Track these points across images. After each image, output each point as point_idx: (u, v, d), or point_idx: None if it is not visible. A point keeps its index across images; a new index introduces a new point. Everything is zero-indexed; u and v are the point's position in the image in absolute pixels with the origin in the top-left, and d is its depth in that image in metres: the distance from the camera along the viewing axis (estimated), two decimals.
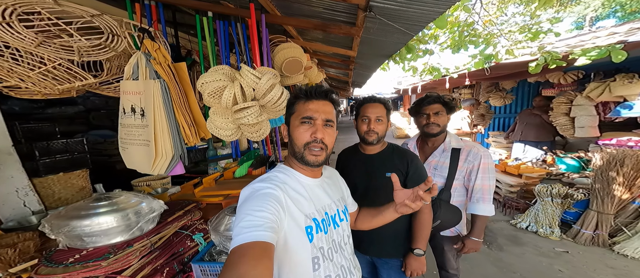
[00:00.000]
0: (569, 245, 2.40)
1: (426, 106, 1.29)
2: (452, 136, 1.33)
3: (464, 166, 1.26)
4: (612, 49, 2.39)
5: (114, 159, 2.55)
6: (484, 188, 1.23)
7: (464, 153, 1.26)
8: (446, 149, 1.30)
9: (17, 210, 1.17)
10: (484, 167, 1.22)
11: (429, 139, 1.34)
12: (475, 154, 1.24)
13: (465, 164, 1.25)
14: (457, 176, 1.26)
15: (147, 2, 1.18)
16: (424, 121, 1.30)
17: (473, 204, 1.26)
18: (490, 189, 1.24)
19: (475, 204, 1.24)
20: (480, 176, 1.22)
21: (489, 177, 1.23)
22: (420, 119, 1.33)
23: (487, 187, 1.23)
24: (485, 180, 1.23)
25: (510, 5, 4.84)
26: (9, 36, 0.74)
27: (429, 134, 1.30)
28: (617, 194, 2.30)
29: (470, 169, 1.25)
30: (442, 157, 1.30)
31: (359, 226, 0.91)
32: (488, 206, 1.23)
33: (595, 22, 9.36)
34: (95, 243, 0.87)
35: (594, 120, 3.29)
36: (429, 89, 6.19)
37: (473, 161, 1.24)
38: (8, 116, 1.20)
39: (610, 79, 3.10)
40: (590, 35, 3.75)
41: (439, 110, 1.27)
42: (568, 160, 3.28)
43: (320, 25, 1.62)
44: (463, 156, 1.26)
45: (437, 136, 1.30)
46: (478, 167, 1.22)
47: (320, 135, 0.67)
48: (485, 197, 1.23)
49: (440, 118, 1.27)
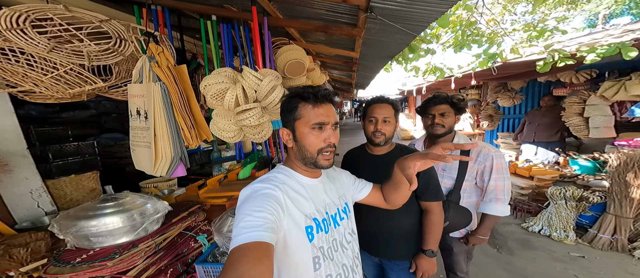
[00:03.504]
0: (585, 249, 2.29)
1: (433, 106, 1.27)
2: (460, 136, 1.30)
3: (474, 167, 1.23)
4: (623, 46, 2.31)
5: (123, 162, 2.62)
6: (498, 188, 1.20)
7: (473, 154, 1.24)
8: (454, 151, 1.27)
9: (31, 211, 1.21)
10: (497, 167, 1.20)
11: (436, 140, 1.32)
12: (486, 155, 1.21)
13: (476, 165, 1.23)
14: (467, 177, 1.23)
15: (153, 7, 1.22)
16: (430, 122, 1.28)
17: (486, 203, 1.23)
18: (505, 189, 1.20)
19: (488, 203, 1.22)
20: (494, 177, 1.20)
21: (503, 177, 1.20)
22: (426, 119, 1.31)
23: (500, 187, 1.20)
24: (500, 180, 1.20)
25: (517, 6, 4.76)
26: (23, 42, 0.78)
27: (434, 135, 1.28)
28: (636, 197, 2.18)
29: (482, 170, 1.22)
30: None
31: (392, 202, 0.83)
32: (501, 207, 1.20)
33: (608, 20, 9.05)
34: (102, 244, 0.89)
35: (609, 120, 3.15)
36: (434, 89, 6.11)
37: (484, 162, 1.21)
38: (24, 120, 1.25)
39: (625, 78, 2.97)
40: (603, 33, 3.62)
41: (446, 111, 1.24)
42: (582, 161, 3.15)
43: (322, 27, 1.64)
44: (472, 157, 1.23)
45: (443, 137, 1.28)
46: (491, 168, 1.20)
47: (334, 140, 0.68)
48: (499, 197, 1.20)
49: (447, 119, 1.25)
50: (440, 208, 1.04)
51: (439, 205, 1.04)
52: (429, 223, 1.03)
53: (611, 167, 2.40)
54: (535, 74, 3.30)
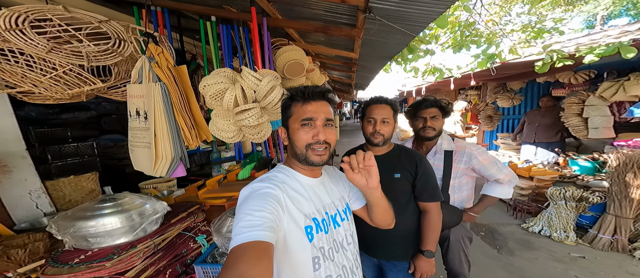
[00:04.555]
0: (586, 250, 2.28)
1: (423, 109, 1.30)
2: (444, 138, 1.34)
3: (459, 166, 1.28)
4: (621, 46, 2.32)
5: (123, 163, 2.61)
6: (498, 175, 1.26)
7: (456, 155, 1.29)
8: (438, 152, 1.31)
9: (29, 212, 1.20)
10: (485, 163, 1.26)
11: (424, 143, 1.36)
12: (469, 155, 1.27)
13: (461, 164, 1.28)
14: (453, 176, 1.28)
15: (153, 8, 1.22)
16: (421, 125, 1.31)
17: (489, 185, 1.32)
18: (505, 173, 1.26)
19: (491, 185, 1.30)
20: (487, 168, 1.26)
21: (498, 168, 1.26)
22: (416, 122, 1.34)
23: (503, 177, 1.26)
24: (499, 173, 1.26)
25: (514, 6, 4.79)
26: (22, 43, 0.78)
27: (425, 138, 1.31)
28: (636, 197, 2.18)
29: (472, 167, 1.28)
30: (435, 159, 1.31)
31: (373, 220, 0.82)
32: (505, 190, 1.27)
33: (607, 21, 9.09)
34: (100, 244, 0.89)
35: (608, 121, 3.16)
36: (433, 90, 6.13)
37: (469, 162, 1.27)
38: (24, 121, 1.25)
39: (624, 78, 2.98)
40: (602, 34, 3.64)
41: (436, 114, 1.28)
42: (581, 162, 3.16)
43: (321, 27, 1.64)
44: (456, 157, 1.28)
45: (432, 140, 1.32)
46: (480, 166, 1.26)
47: (323, 136, 0.67)
48: (501, 179, 1.26)
49: (437, 122, 1.28)
50: (438, 209, 1.04)
51: (437, 206, 1.04)
52: (427, 223, 1.03)
53: (611, 167, 2.40)
54: (534, 75, 3.31)
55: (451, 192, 1.30)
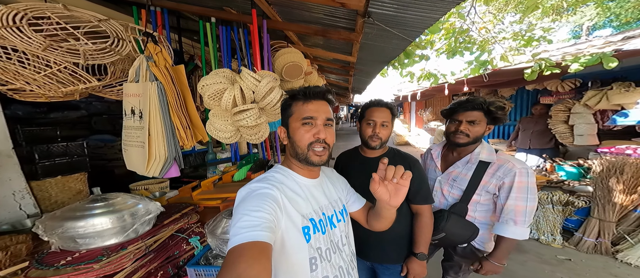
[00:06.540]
0: (571, 252, 2.36)
1: (462, 111, 1.10)
2: (485, 146, 1.13)
3: (490, 182, 1.08)
4: (604, 56, 2.43)
5: (113, 164, 2.55)
6: (517, 209, 1.03)
7: (492, 168, 1.08)
8: (472, 162, 1.12)
9: (12, 213, 1.16)
10: (519, 186, 1.02)
11: (456, 149, 1.18)
12: (508, 171, 1.04)
13: (493, 179, 1.07)
14: (479, 192, 1.09)
15: (152, 8, 1.22)
16: (453, 128, 1.12)
17: (501, 224, 1.06)
18: (527, 211, 1.02)
19: (503, 225, 1.06)
20: (513, 196, 1.03)
21: (526, 198, 1.02)
22: (450, 124, 1.15)
23: (521, 208, 1.02)
24: (521, 200, 1.02)
25: (506, 15, 4.96)
26: (18, 40, 0.76)
27: (454, 144, 1.13)
28: (618, 201, 2.28)
29: (500, 186, 1.06)
30: (465, 168, 1.13)
31: (371, 226, 0.83)
32: (520, 230, 1.03)
33: (592, 31, 9.53)
34: (89, 245, 0.86)
35: (592, 128, 3.29)
36: (428, 95, 6.24)
37: (503, 177, 1.05)
38: (11, 120, 1.21)
39: (607, 88, 3.13)
40: (587, 44, 3.82)
41: (477, 119, 1.08)
42: (567, 168, 3.27)
43: (320, 31, 1.66)
44: (491, 171, 1.08)
45: (465, 147, 1.12)
46: (511, 185, 1.03)
47: (323, 135, 0.68)
48: (517, 219, 1.03)
49: (475, 128, 1.08)
50: (430, 211, 1.05)
51: (429, 208, 1.05)
52: (419, 225, 1.04)
53: (595, 173, 2.49)
54: (523, 82, 3.43)
55: (471, 207, 1.12)
